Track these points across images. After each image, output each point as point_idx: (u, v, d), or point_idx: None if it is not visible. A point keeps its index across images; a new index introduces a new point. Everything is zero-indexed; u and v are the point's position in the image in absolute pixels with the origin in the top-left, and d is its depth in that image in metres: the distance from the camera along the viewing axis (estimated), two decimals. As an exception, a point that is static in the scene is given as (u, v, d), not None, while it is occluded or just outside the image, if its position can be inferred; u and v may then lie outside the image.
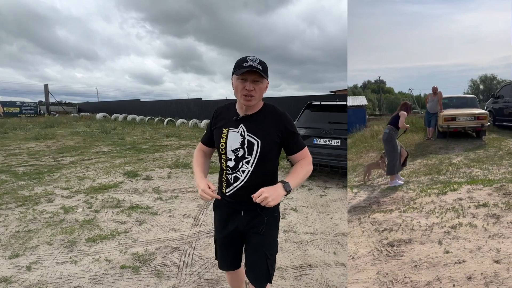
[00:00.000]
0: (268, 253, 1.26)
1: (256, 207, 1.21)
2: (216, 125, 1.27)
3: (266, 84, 1.19)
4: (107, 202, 3.61)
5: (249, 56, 1.13)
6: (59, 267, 2.17)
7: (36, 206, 3.40)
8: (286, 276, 2.11)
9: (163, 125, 16.05)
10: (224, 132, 1.22)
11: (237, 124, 1.21)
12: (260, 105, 1.23)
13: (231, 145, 1.20)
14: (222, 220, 1.34)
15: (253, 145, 1.18)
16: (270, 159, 1.22)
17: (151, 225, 2.97)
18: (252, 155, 1.18)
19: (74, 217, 3.10)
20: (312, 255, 2.42)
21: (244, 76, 1.11)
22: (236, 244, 1.36)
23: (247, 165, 1.19)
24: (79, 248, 2.44)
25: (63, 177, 4.77)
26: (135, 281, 2.01)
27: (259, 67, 1.11)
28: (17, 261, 2.23)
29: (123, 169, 5.40)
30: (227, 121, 1.24)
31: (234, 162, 1.21)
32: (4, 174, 4.86)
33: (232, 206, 1.27)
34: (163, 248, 2.47)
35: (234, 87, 1.17)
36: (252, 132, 1.19)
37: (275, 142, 1.20)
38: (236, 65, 1.15)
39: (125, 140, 9.78)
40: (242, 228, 1.29)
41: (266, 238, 1.26)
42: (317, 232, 2.89)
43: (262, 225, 1.25)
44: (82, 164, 5.84)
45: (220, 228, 1.35)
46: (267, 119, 1.20)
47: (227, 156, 1.22)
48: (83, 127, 14.44)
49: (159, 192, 4.05)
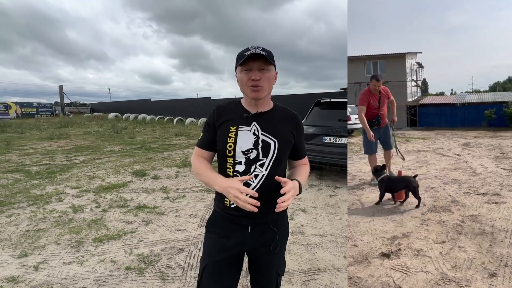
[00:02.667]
0: (280, 271, 1.17)
1: (266, 220, 1.07)
2: (221, 124, 1.07)
3: (275, 74, 1.06)
4: (115, 201, 3.62)
5: (250, 46, 1.01)
6: (66, 267, 2.17)
7: (47, 205, 3.45)
8: (294, 281, 2.03)
9: (172, 124, 16.22)
10: (232, 131, 1.05)
11: (249, 122, 1.05)
12: (271, 104, 1.12)
13: (241, 146, 1.03)
14: (220, 240, 1.09)
15: (269, 145, 1.04)
16: (283, 162, 1.10)
17: (157, 225, 2.95)
18: (268, 157, 1.04)
19: (83, 217, 3.12)
20: (321, 259, 2.32)
21: (249, 65, 1.00)
22: (234, 270, 1.12)
23: (261, 169, 1.03)
24: (86, 248, 2.44)
25: (74, 176, 4.85)
26: (139, 283, 1.98)
27: (263, 53, 0.98)
28: (26, 261, 2.25)
29: (132, 168, 5.44)
30: (235, 118, 1.06)
31: (245, 166, 1.03)
32: (18, 173, 4.99)
33: (237, 221, 1.06)
34: (169, 249, 2.44)
35: (239, 80, 1.04)
36: (267, 131, 1.05)
37: (290, 143, 1.10)
38: (238, 56, 1.03)
39: (135, 140, 9.91)
40: (249, 248, 1.10)
41: (277, 256, 1.13)
42: (326, 234, 2.79)
43: (274, 241, 1.09)
44: (92, 163, 5.94)
45: (217, 250, 1.09)
46: (281, 118, 1.10)
47: (235, 159, 1.04)
48: (96, 127, 14.78)
49: (167, 192, 4.04)
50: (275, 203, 0.97)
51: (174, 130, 13.08)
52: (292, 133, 1.10)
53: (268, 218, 1.08)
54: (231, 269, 1.10)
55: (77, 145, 8.62)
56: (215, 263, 1.08)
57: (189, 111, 18.87)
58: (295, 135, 1.12)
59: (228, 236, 1.09)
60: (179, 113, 19.13)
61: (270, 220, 1.08)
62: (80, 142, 9.29)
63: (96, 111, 28.24)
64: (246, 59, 0.98)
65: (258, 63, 1.00)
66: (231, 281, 1.11)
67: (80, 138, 10.36)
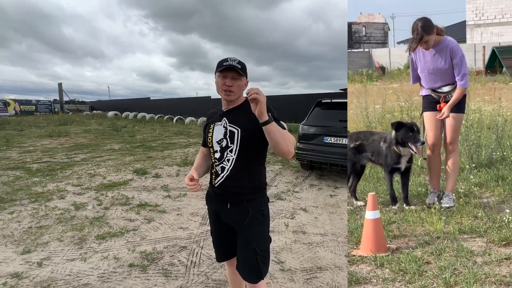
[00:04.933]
0: (258, 248, 1.29)
1: (243, 199, 1.29)
2: (207, 124, 1.40)
3: (245, 82, 1.31)
4: (116, 199, 3.64)
5: (229, 57, 1.26)
6: (69, 264, 2.18)
7: (48, 203, 3.46)
8: (296, 279, 2.05)
9: (172, 123, 16.20)
10: (211, 127, 1.36)
11: (220, 118, 1.34)
12: (241, 100, 1.33)
13: (216, 137, 1.32)
14: (213, 212, 1.42)
15: (234, 133, 1.28)
16: (252, 147, 1.28)
17: (160, 223, 2.96)
18: (234, 143, 1.28)
19: (85, 214, 3.13)
20: (322, 257, 2.35)
21: (225, 73, 1.25)
22: (229, 236, 1.40)
23: (231, 154, 1.28)
24: (89, 245, 2.46)
25: (75, 174, 4.86)
26: (143, 280, 2.00)
27: (238, 66, 1.23)
28: (29, 257, 2.26)
29: (133, 166, 5.45)
30: (214, 118, 1.38)
31: (220, 153, 1.31)
32: (19, 171, 4.99)
33: (220, 198, 1.34)
34: (171, 247, 2.46)
35: (216, 84, 1.30)
36: (232, 122, 1.30)
37: (255, 129, 1.23)
38: (218, 64, 1.28)
39: (135, 138, 9.91)
40: (231, 222, 1.35)
41: (254, 233, 1.31)
42: (327, 233, 2.82)
43: (247, 218, 1.29)
44: (93, 161, 5.94)
45: (213, 221, 1.43)
46: (246, 110, 1.25)
47: (213, 148, 1.33)
48: (95, 125, 14.75)
49: (168, 190, 4.05)
50: (247, 183, 1.30)
51: (174, 129, 13.08)
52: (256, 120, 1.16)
53: (243, 198, 1.30)
54: (227, 235, 1.39)
55: (77, 143, 8.61)
56: (215, 230, 1.45)
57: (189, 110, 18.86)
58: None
59: (216, 209, 1.39)
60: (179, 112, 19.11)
61: (245, 200, 1.30)
62: (80, 140, 9.28)
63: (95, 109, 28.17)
64: (223, 69, 1.23)
65: (232, 73, 1.25)
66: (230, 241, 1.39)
67: (80, 136, 10.35)
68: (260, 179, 1.36)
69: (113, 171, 5.11)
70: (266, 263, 1.34)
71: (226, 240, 1.42)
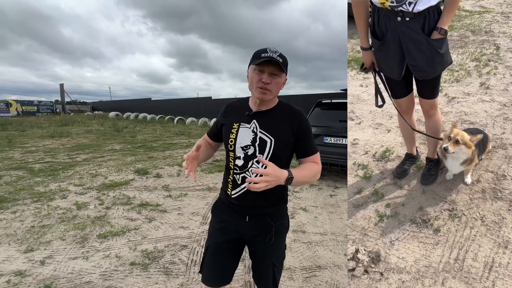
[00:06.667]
0: (276, 262, 1.19)
1: (264, 213, 1.14)
2: (226, 120, 1.18)
3: (284, 80, 1.11)
4: (118, 199, 3.67)
5: (269, 48, 1.05)
6: (71, 262, 2.21)
7: (51, 202, 3.50)
8: (295, 277, 2.07)
9: (173, 124, 16.25)
10: (234, 127, 1.13)
11: (249, 120, 1.12)
12: (275, 102, 1.15)
13: (241, 142, 1.11)
14: (222, 224, 1.19)
15: (266, 143, 1.09)
16: (283, 161, 1.12)
17: (161, 222, 2.99)
18: (264, 154, 1.09)
19: (86, 213, 3.17)
20: (321, 256, 2.37)
21: (262, 67, 1.04)
22: (233, 254, 1.20)
23: (257, 165, 1.09)
24: (91, 244, 2.49)
25: (77, 174, 4.89)
26: (144, 278, 2.03)
27: (279, 59, 1.03)
28: (32, 256, 2.29)
29: (134, 166, 5.48)
30: (238, 116, 1.15)
31: (243, 161, 1.10)
32: (21, 171, 5.03)
33: (237, 210, 1.15)
34: (172, 246, 2.49)
35: (250, 78, 1.09)
36: (265, 129, 1.10)
37: (289, 142, 1.11)
38: (254, 55, 1.07)
39: (136, 138, 9.95)
40: (246, 236, 1.17)
41: (274, 248, 1.17)
42: (327, 232, 2.84)
43: (270, 234, 1.14)
44: (95, 161, 5.98)
45: (218, 233, 1.19)
46: (282, 116, 1.12)
47: (235, 154, 1.12)
48: (97, 125, 14.81)
49: (169, 190, 4.08)
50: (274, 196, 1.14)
51: (175, 130, 13.12)
52: (290, 131, 1.10)
53: (265, 211, 1.14)
54: (231, 253, 1.19)
55: (79, 143, 8.66)
56: (217, 245, 1.18)
57: (190, 111, 18.92)
58: (297, 133, 1.11)
59: (228, 221, 1.18)
60: (180, 112, 19.17)
61: (268, 214, 1.14)
62: (82, 140, 9.33)
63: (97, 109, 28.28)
64: (262, 62, 1.02)
65: (271, 68, 1.04)
66: (230, 263, 1.20)
67: (82, 136, 10.40)
68: (284, 189, 1.18)
69: (114, 171, 5.15)
70: (281, 271, 1.25)
71: (226, 260, 1.19)
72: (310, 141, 1.15)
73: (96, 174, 4.87)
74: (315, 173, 1.12)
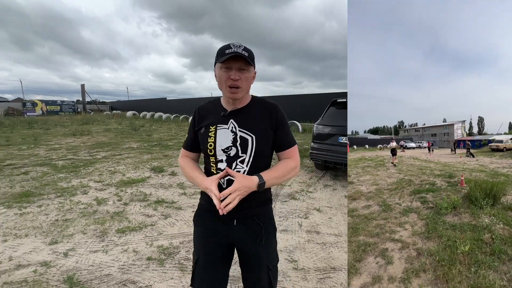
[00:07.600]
0: (271, 265, 1.15)
1: (252, 215, 1.10)
2: (202, 124, 1.12)
3: (253, 73, 1.07)
4: (135, 195, 3.78)
5: (232, 43, 1.01)
6: (92, 255, 2.31)
7: (73, 197, 3.66)
8: (309, 278, 2.05)
9: (187, 123, 16.53)
10: (211, 130, 1.08)
11: (226, 120, 1.08)
12: (249, 98, 1.12)
13: (221, 144, 1.06)
14: (208, 232, 1.14)
15: (247, 141, 1.05)
16: (265, 156, 1.10)
17: (176, 219, 3.05)
18: (247, 153, 1.05)
19: (106, 209, 3.29)
20: (336, 258, 2.33)
21: (229, 64, 1.00)
22: (224, 263, 1.16)
23: (242, 165, 1.05)
24: (110, 238, 2.58)
25: (97, 171, 5.09)
26: (160, 273, 2.08)
27: (244, 53, 0.99)
28: (56, 248, 2.41)
29: (150, 164, 5.63)
30: (213, 117, 1.10)
31: (226, 163, 1.06)
32: (46, 167, 5.30)
33: (223, 215, 1.04)
34: (187, 243, 2.53)
35: (218, 77, 1.04)
36: (244, 127, 1.06)
37: (269, 136, 1.08)
38: (218, 52, 1.02)
39: (152, 137, 10.21)
40: (236, 240, 1.13)
41: (268, 250, 1.14)
42: (341, 234, 2.79)
43: (260, 235, 1.11)
44: (113, 159, 6.19)
45: (206, 243, 1.14)
46: (258, 112, 1.08)
47: (216, 157, 1.07)
48: (115, 124, 15.33)
49: (184, 188, 4.16)
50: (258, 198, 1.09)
51: (189, 129, 13.34)
52: (271, 124, 1.08)
53: (252, 212, 1.11)
54: (221, 261, 1.15)
55: (98, 141, 9.00)
56: (206, 256, 1.14)
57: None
58: (274, 127, 1.09)
59: (215, 228, 1.13)
60: (194, 111, 19.48)
61: (254, 214, 1.11)
62: (101, 138, 9.69)
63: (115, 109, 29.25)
64: (227, 58, 0.98)
65: (238, 63, 1.00)
66: (222, 272, 1.17)
67: (101, 134, 10.80)
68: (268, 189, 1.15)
69: (131, 168, 5.31)
70: (277, 277, 1.20)
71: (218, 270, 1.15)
72: (287, 134, 1.13)
73: (114, 171, 5.05)
74: (290, 170, 1.09)
